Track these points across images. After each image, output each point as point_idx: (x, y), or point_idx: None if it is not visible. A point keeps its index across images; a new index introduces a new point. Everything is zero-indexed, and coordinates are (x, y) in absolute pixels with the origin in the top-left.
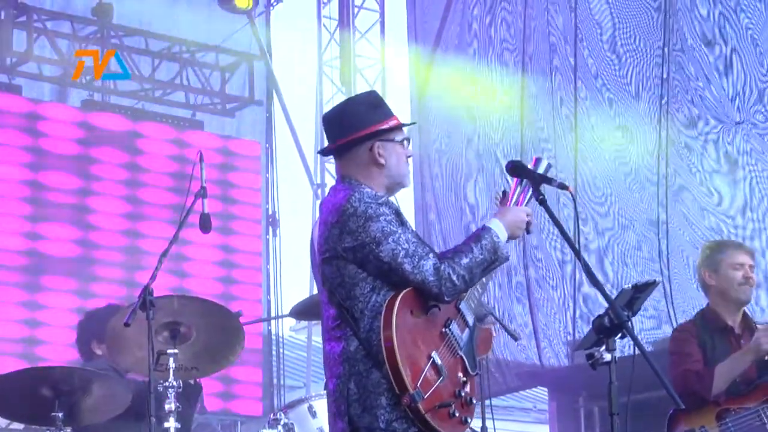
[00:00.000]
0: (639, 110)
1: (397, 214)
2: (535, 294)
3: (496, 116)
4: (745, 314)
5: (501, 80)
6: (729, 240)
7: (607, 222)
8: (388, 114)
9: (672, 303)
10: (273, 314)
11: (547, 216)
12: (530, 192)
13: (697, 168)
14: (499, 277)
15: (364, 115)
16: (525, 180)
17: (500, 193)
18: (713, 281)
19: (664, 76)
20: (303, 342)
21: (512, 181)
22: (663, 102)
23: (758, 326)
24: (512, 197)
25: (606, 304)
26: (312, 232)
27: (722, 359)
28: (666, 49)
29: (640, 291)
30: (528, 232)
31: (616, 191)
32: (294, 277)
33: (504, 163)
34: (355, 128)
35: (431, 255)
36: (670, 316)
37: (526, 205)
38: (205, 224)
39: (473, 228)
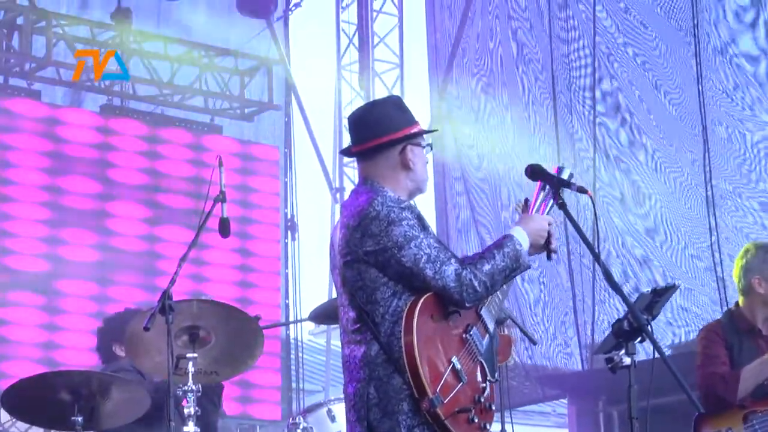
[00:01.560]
0: (677, 123)
1: (419, 218)
2: (579, 301)
3: (526, 123)
4: None
5: (527, 85)
6: None
7: (653, 231)
8: (414, 119)
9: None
10: (292, 318)
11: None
12: (552, 201)
13: (748, 180)
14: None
15: (397, 118)
16: (547, 188)
17: (522, 202)
18: (762, 290)
19: (699, 88)
20: (322, 346)
21: (535, 188)
22: (702, 113)
23: None
24: (534, 205)
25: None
26: (332, 235)
27: (749, 361)
28: (697, 52)
29: (660, 295)
30: (549, 258)
31: (663, 200)
32: (313, 281)
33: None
34: (389, 130)
35: (453, 260)
36: None
37: (548, 214)
38: (224, 229)
39: None
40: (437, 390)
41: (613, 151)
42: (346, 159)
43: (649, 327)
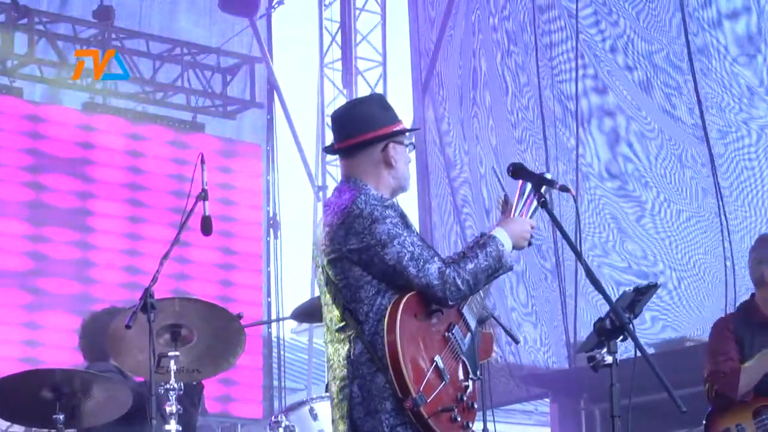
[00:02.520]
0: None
1: (402, 217)
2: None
3: (510, 122)
4: None
5: (511, 85)
6: None
7: (654, 231)
8: (397, 117)
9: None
10: (274, 316)
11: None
12: (535, 204)
13: (756, 179)
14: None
15: (380, 116)
16: (529, 189)
17: (502, 197)
18: None
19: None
20: (304, 344)
21: (517, 188)
22: (698, 113)
23: None
24: (516, 208)
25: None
26: (315, 233)
27: None
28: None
29: (642, 293)
30: (529, 244)
31: (665, 200)
32: (295, 280)
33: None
34: (371, 127)
35: (436, 259)
36: None
37: (530, 217)
38: (206, 227)
39: None
40: (420, 389)
41: (606, 152)
42: (328, 157)
43: (631, 325)
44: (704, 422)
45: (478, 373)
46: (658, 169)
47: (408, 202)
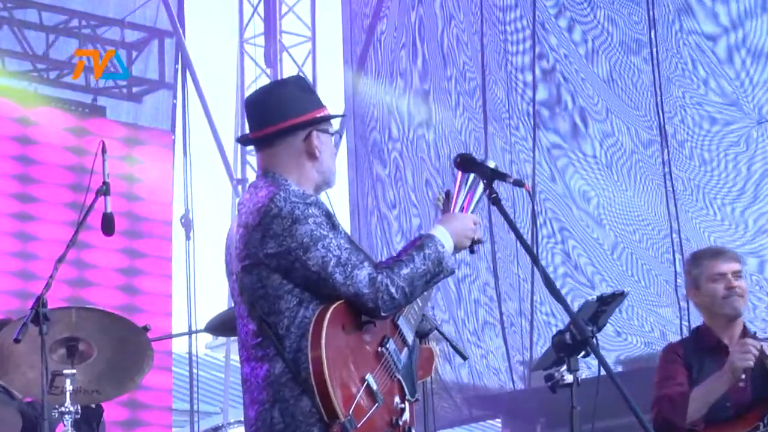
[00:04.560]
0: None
1: (328, 216)
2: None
3: (453, 103)
4: (744, 328)
5: (452, 62)
6: (706, 248)
7: (603, 234)
8: (321, 102)
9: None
10: (186, 329)
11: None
12: (477, 195)
13: (711, 175)
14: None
15: (300, 101)
16: (471, 180)
17: (443, 195)
18: (697, 299)
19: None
20: (220, 361)
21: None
22: (659, 105)
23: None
24: (456, 201)
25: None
26: (228, 235)
27: None
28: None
29: (606, 303)
30: (472, 251)
31: (613, 197)
32: (210, 287)
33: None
34: (290, 114)
35: (366, 264)
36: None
37: (472, 212)
38: (107, 225)
39: None
40: (350, 412)
41: (553, 140)
42: (249, 146)
43: (594, 339)
44: None
45: (415, 394)
46: (606, 160)
47: (337, 198)
